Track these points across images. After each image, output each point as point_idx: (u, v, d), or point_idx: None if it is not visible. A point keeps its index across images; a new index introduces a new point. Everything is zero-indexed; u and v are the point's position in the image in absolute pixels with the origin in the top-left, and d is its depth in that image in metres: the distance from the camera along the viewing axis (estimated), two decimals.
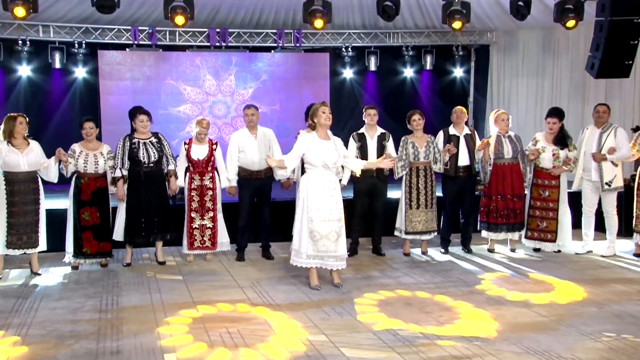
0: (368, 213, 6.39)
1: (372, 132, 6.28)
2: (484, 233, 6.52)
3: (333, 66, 10.93)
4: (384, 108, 10.72)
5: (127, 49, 9.94)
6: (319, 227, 4.94)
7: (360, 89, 11.20)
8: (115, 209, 5.96)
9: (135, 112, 5.87)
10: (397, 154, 6.29)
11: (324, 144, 5.01)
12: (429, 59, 10.98)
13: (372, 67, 10.94)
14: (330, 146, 5.02)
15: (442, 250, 6.53)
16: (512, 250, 6.53)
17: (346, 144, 6.30)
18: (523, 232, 6.51)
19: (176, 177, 5.94)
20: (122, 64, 10.01)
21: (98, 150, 5.76)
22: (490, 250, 6.53)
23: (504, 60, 10.79)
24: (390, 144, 6.31)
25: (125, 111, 6.04)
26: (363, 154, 6.17)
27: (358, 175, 5.32)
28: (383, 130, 6.34)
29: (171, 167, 5.93)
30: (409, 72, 11.19)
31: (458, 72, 11.20)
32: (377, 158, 6.17)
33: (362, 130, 6.32)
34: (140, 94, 10.01)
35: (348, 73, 11.08)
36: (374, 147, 6.22)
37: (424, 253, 6.44)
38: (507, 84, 10.77)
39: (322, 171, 4.98)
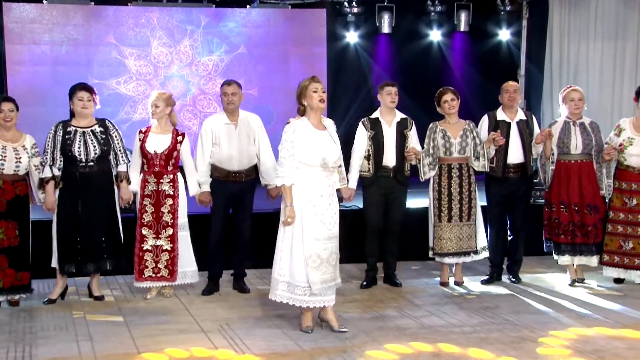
0: (382, 228, 6.40)
1: (389, 118, 6.29)
2: (554, 255, 6.49)
3: (332, 27, 10.97)
4: (400, 84, 10.68)
5: (44, 1, 9.94)
6: (319, 248, 4.95)
7: (369, 59, 11.24)
8: (43, 224, 5.94)
9: (73, 89, 5.87)
10: (423, 146, 6.31)
11: (321, 136, 5.01)
12: (463, 16, 11.04)
13: (386, 29, 10.98)
14: (327, 138, 5.02)
15: (487, 277, 6.53)
16: (580, 280, 6.52)
17: (352, 133, 6.33)
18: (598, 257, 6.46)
19: (128, 182, 5.94)
20: (38, 22, 10.00)
21: (19, 143, 5.71)
22: (573, 282, 6.46)
23: (568, 18, 10.83)
24: (413, 134, 6.33)
25: (42, 86, 6.07)
26: (377, 146, 6.19)
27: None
28: (404, 116, 6.36)
29: (122, 167, 5.92)
30: (435, 35, 11.24)
31: (504, 34, 11.26)
32: (397, 151, 6.20)
33: (375, 114, 6.33)
34: (63, 63, 10.01)
35: (352, 37, 11.11)
36: (392, 138, 6.23)
37: (458, 283, 6.46)
38: (573, 51, 10.80)
39: (319, 172, 4.98)
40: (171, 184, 6.01)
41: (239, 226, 6.27)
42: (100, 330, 5.20)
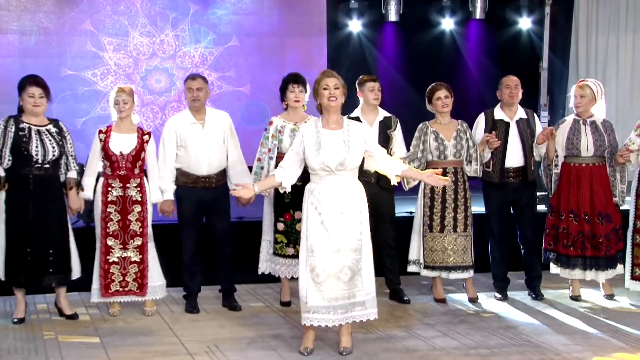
0: (373, 239, 6.41)
1: (371, 117, 6.29)
2: (553, 268, 6.51)
3: (332, 15, 10.98)
4: (408, 79, 10.80)
5: None
6: (324, 261, 4.95)
7: (374, 50, 11.26)
8: None
9: (23, 83, 5.85)
10: (410, 149, 6.31)
11: (329, 136, 5.03)
12: (479, 3, 11.06)
13: (393, 16, 11.00)
14: (337, 139, 5.04)
15: (498, 295, 6.57)
16: (609, 297, 6.54)
17: None
18: (628, 271, 6.43)
19: (79, 190, 5.93)
20: (4, 9, 10.01)
21: None
22: (575, 298, 6.56)
23: (596, 6, 10.86)
24: (397, 134, 6.34)
25: (9, 80, 6.08)
26: None
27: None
28: (387, 114, 6.38)
29: (72, 173, 5.91)
30: (448, 24, 11.26)
31: (525, 23, 11.28)
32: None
33: (356, 112, 6.35)
34: (32, 55, 10.02)
35: (355, 25, 11.12)
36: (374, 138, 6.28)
37: (473, 300, 6.48)
38: (602, 42, 10.82)
39: (325, 177, 5.00)
40: (138, 188, 6.00)
41: (218, 237, 6.25)
42: (74, 353, 5.20)
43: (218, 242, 6.28)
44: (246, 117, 10.39)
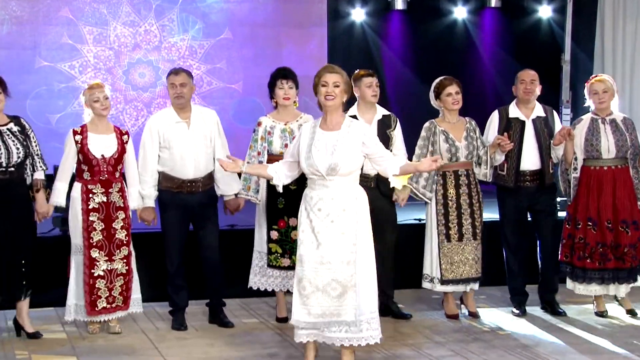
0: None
1: (369, 115, 6.28)
2: (568, 283, 6.47)
3: (333, 3, 10.99)
4: (416, 73, 10.83)
5: None
6: (311, 272, 4.95)
7: (379, 42, 11.27)
8: None
9: None
10: (415, 150, 6.31)
11: (323, 138, 5.03)
12: None
13: (399, 4, 11.02)
14: (331, 141, 5.03)
15: (516, 310, 6.57)
16: (630, 312, 6.51)
17: None
18: None
19: (46, 192, 5.90)
20: None
21: None
22: (600, 314, 6.55)
23: None
24: (397, 134, 6.34)
25: None
26: None
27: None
28: (386, 112, 6.38)
29: (39, 174, 5.90)
30: (460, 12, 11.28)
31: (545, 11, 11.29)
32: None
33: (352, 111, 6.30)
34: (4, 46, 10.07)
35: (358, 14, 11.14)
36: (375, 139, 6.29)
37: (473, 315, 6.48)
38: (630, 32, 10.82)
39: (316, 181, 5.00)
40: (120, 193, 6.00)
41: (205, 247, 6.25)
42: None
43: (205, 252, 6.26)
44: (238, 115, 10.42)
